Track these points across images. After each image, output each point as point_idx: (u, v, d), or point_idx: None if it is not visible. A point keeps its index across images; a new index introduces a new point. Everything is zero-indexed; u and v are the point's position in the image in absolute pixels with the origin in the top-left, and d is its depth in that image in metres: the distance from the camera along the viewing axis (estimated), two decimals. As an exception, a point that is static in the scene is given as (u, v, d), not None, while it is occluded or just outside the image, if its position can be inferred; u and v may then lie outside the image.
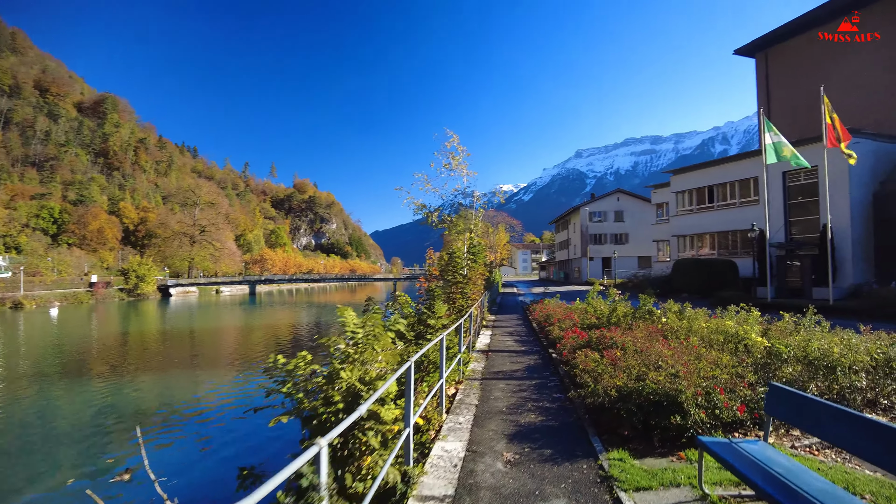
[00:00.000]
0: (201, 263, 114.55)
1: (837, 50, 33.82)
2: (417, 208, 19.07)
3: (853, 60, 32.63)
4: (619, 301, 12.44)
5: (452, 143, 18.65)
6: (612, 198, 60.69)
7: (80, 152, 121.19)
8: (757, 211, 30.99)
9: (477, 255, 12.31)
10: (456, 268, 11.90)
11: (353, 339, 4.20)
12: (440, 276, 12.46)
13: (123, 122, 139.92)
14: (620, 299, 12.71)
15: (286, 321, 41.12)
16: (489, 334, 14.09)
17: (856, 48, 32.71)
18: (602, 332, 9.26)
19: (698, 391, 5.24)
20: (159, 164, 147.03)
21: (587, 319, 12.10)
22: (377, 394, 3.34)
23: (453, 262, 11.95)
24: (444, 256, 12.34)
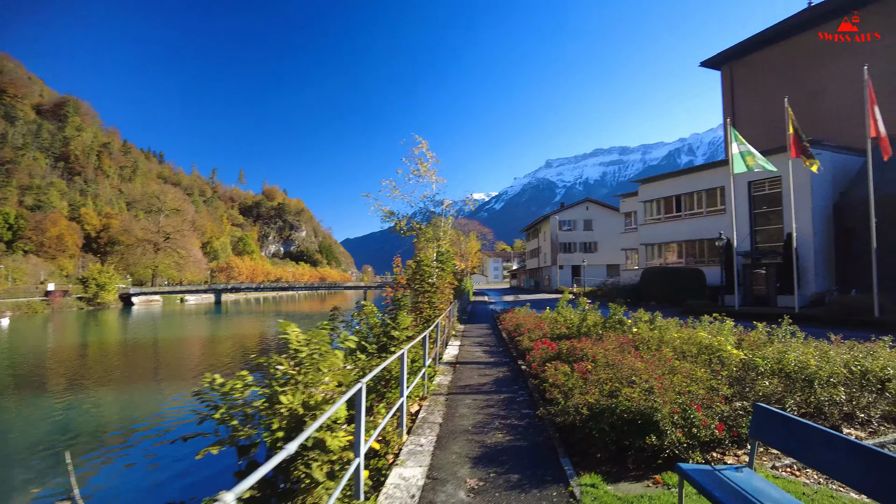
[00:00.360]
0: (165, 271, 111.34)
1: (800, 63, 34.77)
2: (385, 215, 18.58)
3: (815, 74, 33.54)
4: (589, 310, 12.19)
5: (421, 150, 18.22)
6: (581, 207, 61.20)
7: (38, 156, 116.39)
8: (723, 220, 31.41)
9: (445, 263, 11.89)
10: (423, 276, 11.47)
11: (295, 359, 3.73)
12: (407, 284, 12.02)
13: (86, 125, 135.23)
14: (590, 308, 12.46)
15: (249, 332, 39.96)
16: (458, 345, 13.70)
17: (818, 62, 33.67)
18: (572, 343, 8.94)
19: (674, 409, 4.91)
20: (123, 169, 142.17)
21: (557, 329, 11.81)
22: (318, 422, 2.88)
23: (421, 271, 11.52)
24: (411, 265, 11.90)
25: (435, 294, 11.64)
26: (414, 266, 11.76)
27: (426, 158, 18.26)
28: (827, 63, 33.34)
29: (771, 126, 33.00)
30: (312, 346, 3.77)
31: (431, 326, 9.47)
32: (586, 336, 10.06)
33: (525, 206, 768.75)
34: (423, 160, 18.19)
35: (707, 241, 32.84)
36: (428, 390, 8.15)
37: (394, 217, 18.80)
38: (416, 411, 7.07)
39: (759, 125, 35.54)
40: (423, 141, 18.36)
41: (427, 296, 11.62)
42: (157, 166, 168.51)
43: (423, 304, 11.49)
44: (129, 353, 27.93)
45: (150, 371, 22.65)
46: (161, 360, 26.56)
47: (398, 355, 5.44)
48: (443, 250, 12.32)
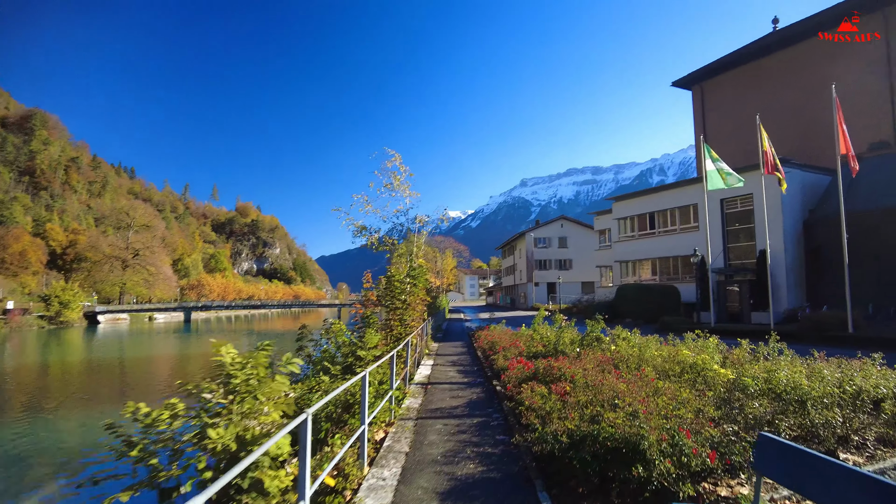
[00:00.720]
0: (134, 289, 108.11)
1: (769, 83, 35.53)
2: (357, 230, 18.02)
3: (785, 93, 34.29)
4: (566, 327, 11.80)
5: (394, 163, 17.80)
6: (556, 224, 61.45)
7: (2, 170, 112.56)
8: (697, 237, 31.56)
9: (417, 279, 11.38)
10: (394, 292, 10.92)
11: (228, 385, 3.17)
12: (378, 301, 11.46)
13: (53, 139, 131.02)
14: (567, 325, 12.07)
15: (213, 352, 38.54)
16: (431, 364, 13.14)
17: (787, 82, 34.43)
18: (549, 362, 8.47)
19: (662, 435, 4.46)
20: (92, 184, 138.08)
21: (533, 347, 11.36)
22: (247, 460, 2.33)
23: (391, 287, 10.98)
24: (382, 280, 11.34)
25: (406, 311, 11.09)
26: (384, 282, 11.21)
27: (399, 172, 17.86)
28: (795, 83, 34.14)
29: (742, 144, 33.56)
30: (249, 370, 3.21)
31: (401, 345, 8.92)
32: (563, 354, 9.62)
33: (501, 224, 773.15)
34: (396, 174, 17.78)
35: (681, 258, 32.98)
36: (395, 415, 7.57)
37: (366, 232, 18.30)
38: (382, 439, 6.49)
39: (730, 143, 36.08)
40: (395, 154, 17.97)
41: (398, 313, 11.06)
42: (127, 182, 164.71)
43: (393, 321, 10.93)
44: (80, 376, 26.47)
45: (96, 396, 21.13)
46: (113, 383, 25.19)
47: (358, 378, 4.88)
48: (415, 265, 11.78)
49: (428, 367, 12.39)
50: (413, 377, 10.63)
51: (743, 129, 34.75)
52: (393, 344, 10.06)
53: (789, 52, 34.71)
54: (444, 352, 16.86)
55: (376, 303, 11.44)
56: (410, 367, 10.69)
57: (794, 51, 34.32)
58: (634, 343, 9.73)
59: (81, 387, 23.30)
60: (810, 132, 31.83)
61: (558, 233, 60.50)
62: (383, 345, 10.26)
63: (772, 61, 35.74)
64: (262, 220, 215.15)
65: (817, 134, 31.33)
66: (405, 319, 11.12)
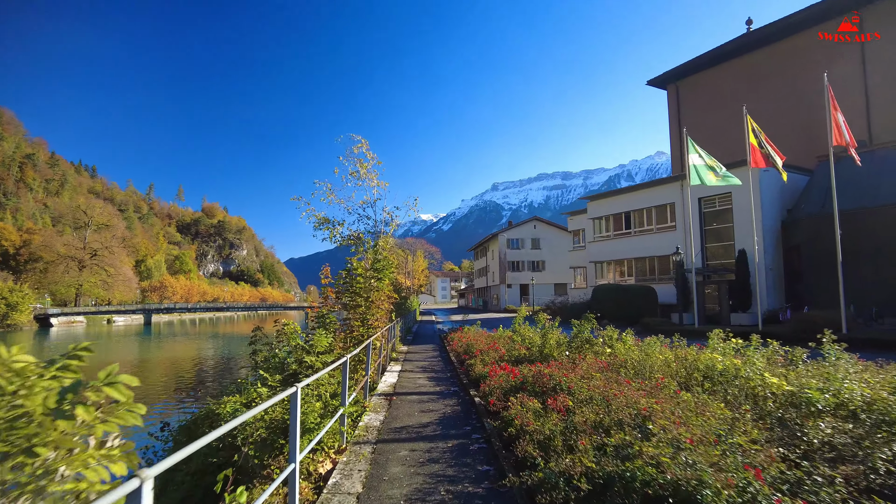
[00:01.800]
0: (91, 290, 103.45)
1: (746, 82, 35.07)
2: (319, 222, 16.35)
3: (761, 93, 33.84)
4: (549, 328, 10.44)
5: (361, 149, 16.21)
6: (529, 225, 60.47)
7: None
8: (674, 237, 30.81)
9: (382, 272, 9.81)
10: (354, 288, 9.35)
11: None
12: (337, 298, 9.86)
13: (7, 134, 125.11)
14: (550, 325, 10.72)
15: (167, 356, 36.18)
16: (398, 370, 11.58)
17: (762, 82, 34.02)
18: (538, 369, 7.04)
19: (729, 480, 3.03)
20: (50, 182, 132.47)
21: (515, 351, 9.94)
22: None
23: (351, 282, 9.41)
24: (341, 275, 9.75)
25: (370, 310, 9.52)
26: (344, 276, 9.62)
27: (366, 159, 16.28)
28: (773, 82, 33.77)
29: (721, 143, 32.94)
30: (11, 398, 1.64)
31: (359, 349, 7.35)
32: (552, 359, 8.23)
33: (472, 227, 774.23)
34: (362, 161, 16.19)
35: (658, 259, 32.16)
36: (349, 438, 5.97)
37: (328, 225, 16.62)
38: (328, 472, 4.89)
39: (706, 143, 35.23)
40: (362, 140, 16.38)
41: (359, 311, 9.50)
42: (88, 180, 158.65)
43: (354, 321, 9.37)
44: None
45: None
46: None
47: (284, 396, 3.30)
48: (380, 256, 10.20)
49: (394, 374, 10.84)
50: (376, 386, 9.08)
51: (721, 127, 34.28)
52: (353, 347, 8.51)
53: (767, 52, 34.33)
54: (413, 356, 15.31)
55: (337, 300, 9.84)
56: (373, 373, 9.16)
57: (772, 50, 33.95)
58: (630, 344, 8.38)
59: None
60: (788, 132, 31.34)
61: (531, 234, 59.47)
62: (341, 348, 8.71)
63: (749, 60, 35.34)
64: (228, 221, 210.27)
65: (796, 134, 30.94)
66: (368, 319, 9.54)
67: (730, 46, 36.11)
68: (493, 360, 9.26)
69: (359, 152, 16.45)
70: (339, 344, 8.61)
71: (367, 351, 7.71)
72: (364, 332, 9.07)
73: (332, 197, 16.51)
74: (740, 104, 33.79)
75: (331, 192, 16.50)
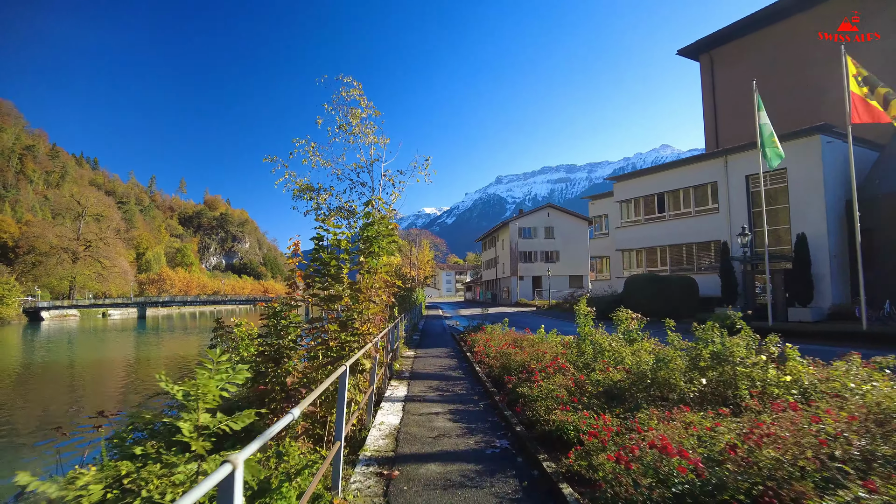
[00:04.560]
0: (86, 283, 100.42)
1: (794, 48, 30.95)
2: (300, 190, 12.60)
3: (809, 59, 29.73)
4: (643, 335, 6.78)
5: (352, 95, 12.42)
6: (542, 213, 56.46)
7: None
8: (717, 220, 27.06)
9: (376, 243, 5.99)
10: (331, 272, 5.52)
11: None
12: (307, 287, 6.05)
13: (7, 126, 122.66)
14: (637, 327, 7.05)
15: (152, 354, 32.55)
16: (402, 396, 7.82)
17: (810, 47, 29.86)
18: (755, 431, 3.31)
19: None
20: (50, 174, 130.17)
21: (597, 372, 6.15)
22: None
23: (326, 262, 5.48)
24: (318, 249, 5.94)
25: (356, 304, 5.76)
26: (315, 249, 5.73)
27: (360, 107, 12.48)
28: (822, 47, 29.68)
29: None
30: None
31: (328, 382, 3.42)
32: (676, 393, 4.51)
33: (476, 220, 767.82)
34: (356, 110, 12.40)
35: (697, 245, 28.36)
36: None
37: (312, 193, 12.89)
38: None
39: (745, 117, 31.33)
40: (355, 83, 12.57)
41: (337, 307, 5.73)
42: (89, 173, 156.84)
43: (330, 324, 5.59)
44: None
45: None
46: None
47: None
48: (374, 219, 6.29)
49: (397, 408, 6.95)
50: (365, 440, 5.28)
51: (766, 98, 30.18)
52: (323, 373, 4.80)
53: (816, 12, 30.13)
54: (423, 367, 11.50)
55: (308, 290, 6.03)
56: (361, 414, 5.48)
57: (823, 9, 29.73)
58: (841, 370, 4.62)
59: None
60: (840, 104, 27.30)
61: (545, 222, 55.42)
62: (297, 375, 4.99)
63: (797, 23, 31.11)
64: (231, 213, 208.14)
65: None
66: (353, 321, 5.76)
67: (773, 9, 31.92)
68: (565, 385, 5.59)
69: (350, 98, 12.72)
70: (296, 375, 4.88)
71: (342, 383, 3.88)
72: (347, 344, 5.33)
73: (316, 158, 12.81)
74: (792, 71, 30.17)
75: (315, 153, 12.80)
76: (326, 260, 5.36)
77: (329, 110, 12.20)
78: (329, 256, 5.37)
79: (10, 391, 19.88)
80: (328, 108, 12.18)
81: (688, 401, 4.81)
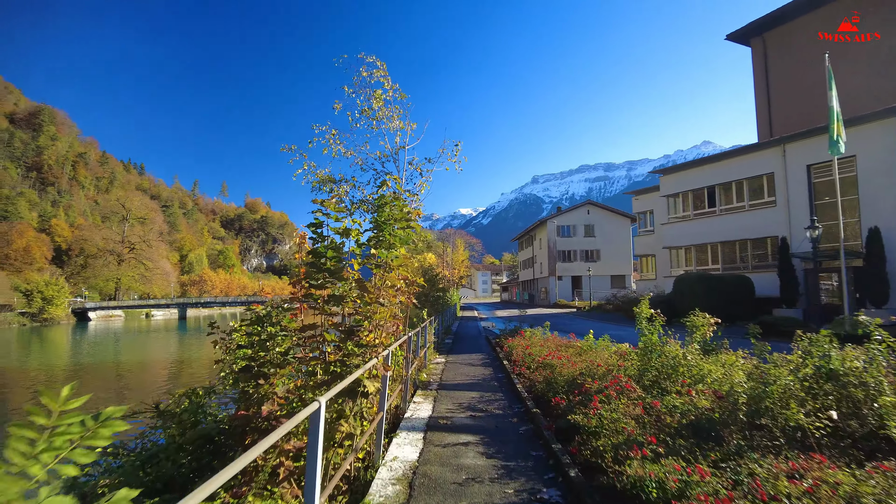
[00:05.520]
0: (130, 284, 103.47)
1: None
2: (319, 182, 11.55)
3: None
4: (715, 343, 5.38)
5: (376, 77, 11.29)
6: (581, 210, 54.39)
7: (9, 165, 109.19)
8: (773, 215, 24.96)
9: (387, 229, 4.76)
10: (327, 266, 4.16)
11: None
12: (304, 288, 4.70)
13: (61, 135, 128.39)
14: (709, 335, 5.66)
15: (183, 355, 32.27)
16: (426, 417, 6.56)
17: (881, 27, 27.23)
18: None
19: None
20: (100, 180, 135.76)
21: (672, 399, 4.76)
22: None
23: (321, 254, 4.17)
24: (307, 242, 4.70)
25: (368, 308, 4.50)
26: (314, 236, 4.41)
27: (384, 89, 11.32)
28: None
29: (822, 102, 26.63)
30: None
31: (287, 426, 2.15)
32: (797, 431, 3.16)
33: (512, 221, 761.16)
34: (379, 93, 11.22)
35: (751, 242, 26.25)
36: None
37: (333, 186, 11.81)
38: None
39: (805, 105, 28.93)
40: (379, 63, 11.42)
41: (336, 314, 4.47)
42: (136, 177, 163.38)
43: (325, 334, 4.23)
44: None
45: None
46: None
47: None
48: (387, 200, 4.94)
49: (416, 436, 5.61)
50: (370, 485, 3.93)
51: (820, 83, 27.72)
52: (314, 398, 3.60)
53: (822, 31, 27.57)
54: (453, 376, 10.19)
55: (302, 290, 4.80)
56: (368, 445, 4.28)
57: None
58: None
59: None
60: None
61: (584, 220, 53.34)
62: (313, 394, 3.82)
63: None
64: (271, 216, 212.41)
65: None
66: (360, 333, 4.45)
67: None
68: (633, 413, 4.27)
69: (373, 80, 11.56)
70: (277, 400, 3.68)
71: (319, 424, 2.60)
72: (347, 360, 4.10)
73: (338, 147, 11.73)
74: (851, 54, 27.64)
75: (336, 141, 11.72)
76: (321, 251, 4.17)
77: (349, 93, 11.11)
78: (326, 247, 4.18)
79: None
80: (348, 91, 11.08)
81: (811, 442, 3.45)
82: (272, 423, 3.50)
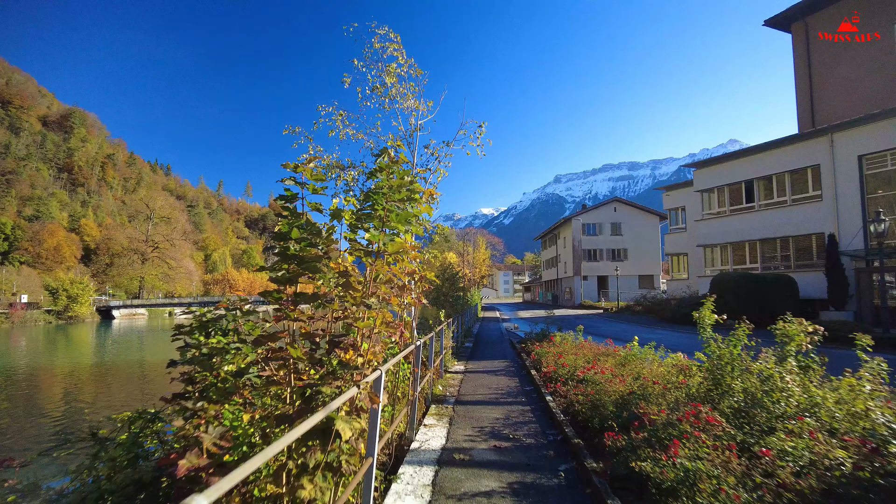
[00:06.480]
0: (153, 283, 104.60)
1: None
2: (326, 168, 10.38)
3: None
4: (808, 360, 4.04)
5: (389, 50, 10.09)
6: (608, 208, 52.54)
7: (41, 167, 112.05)
8: (819, 210, 23.17)
9: (379, 202, 3.64)
10: (292, 250, 3.01)
11: None
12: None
13: (91, 136, 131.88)
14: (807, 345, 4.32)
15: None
16: (438, 448, 5.28)
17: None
18: None
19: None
20: (128, 181, 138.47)
21: (781, 440, 3.39)
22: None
23: (284, 234, 3.00)
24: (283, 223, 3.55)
25: (350, 314, 3.29)
26: (285, 213, 3.25)
27: (399, 63, 10.08)
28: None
29: (874, 92, 24.67)
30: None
31: None
32: None
33: (534, 221, 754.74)
34: (393, 67, 9.99)
35: (794, 239, 24.45)
36: None
37: (341, 172, 10.65)
38: None
39: (853, 93, 26.91)
40: (392, 34, 10.20)
41: (336, 312, 3.30)
42: (163, 178, 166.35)
43: (289, 349, 2.99)
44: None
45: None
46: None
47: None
48: (395, 170, 3.73)
49: (424, 479, 4.31)
50: None
51: (878, 63, 25.70)
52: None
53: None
54: (473, 389, 8.87)
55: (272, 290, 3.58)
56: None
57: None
58: None
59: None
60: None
61: (611, 217, 51.48)
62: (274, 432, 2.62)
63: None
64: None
65: None
66: (343, 345, 3.18)
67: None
68: (726, 462, 2.98)
69: (386, 55, 10.36)
70: (208, 444, 2.50)
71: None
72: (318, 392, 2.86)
73: (346, 129, 10.57)
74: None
75: (345, 122, 10.54)
76: (284, 230, 2.96)
77: (360, 67, 9.90)
78: (289, 224, 2.98)
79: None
80: (358, 65, 9.88)
81: None
82: (191, 489, 2.31)
